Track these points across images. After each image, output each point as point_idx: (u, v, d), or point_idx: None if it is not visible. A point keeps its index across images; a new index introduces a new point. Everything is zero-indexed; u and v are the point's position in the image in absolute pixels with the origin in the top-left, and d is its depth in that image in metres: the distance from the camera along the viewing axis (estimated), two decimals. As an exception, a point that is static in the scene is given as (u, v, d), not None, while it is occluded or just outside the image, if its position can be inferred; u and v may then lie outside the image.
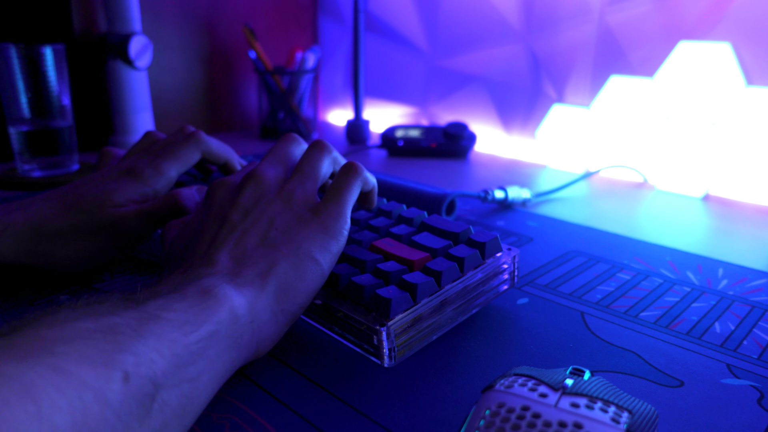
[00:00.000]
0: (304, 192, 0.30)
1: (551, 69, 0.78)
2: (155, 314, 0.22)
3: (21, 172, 0.62)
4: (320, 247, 0.28)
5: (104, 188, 0.37)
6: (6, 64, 0.57)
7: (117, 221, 0.36)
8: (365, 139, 0.89)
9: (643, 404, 0.21)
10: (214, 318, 0.23)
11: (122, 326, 0.20)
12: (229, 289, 0.25)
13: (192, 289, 0.24)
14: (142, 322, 0.21)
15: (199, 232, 0.30)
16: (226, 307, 0.24)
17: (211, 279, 0.25)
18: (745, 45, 0.61)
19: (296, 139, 0.35)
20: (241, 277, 0.26)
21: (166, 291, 0.24)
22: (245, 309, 0.25)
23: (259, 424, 0.25)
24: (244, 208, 0.29)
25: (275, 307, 0.27)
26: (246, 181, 0.30)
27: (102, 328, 0.19)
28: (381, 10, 0.95)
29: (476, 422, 0.20)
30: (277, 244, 0.28)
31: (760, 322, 0.34)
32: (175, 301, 0.23)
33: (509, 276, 0.34)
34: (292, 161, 0.33)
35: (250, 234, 0.28)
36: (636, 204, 0.60)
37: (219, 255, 0.27)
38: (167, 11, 0.84)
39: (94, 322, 0.20)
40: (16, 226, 0.34)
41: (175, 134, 0.43)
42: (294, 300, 0.27)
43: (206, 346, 0.22)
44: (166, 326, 0.21)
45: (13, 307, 0.35)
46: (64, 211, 0.36)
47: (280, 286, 0.27)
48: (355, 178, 0.32)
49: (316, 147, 0.33)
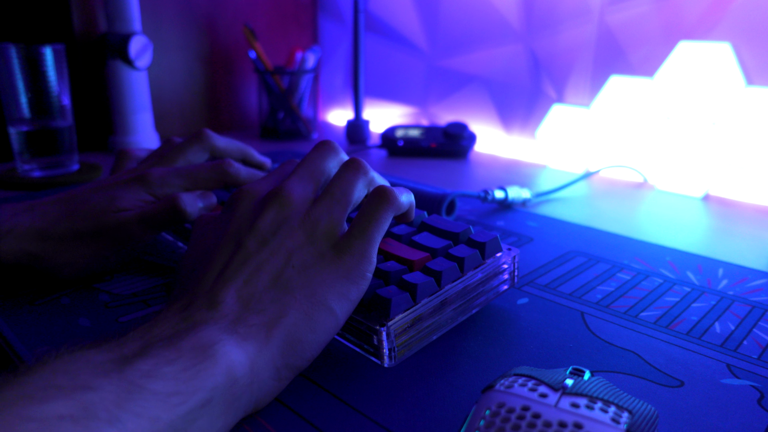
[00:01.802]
0: (331, 221, 0.28)
1: (551, 69, 0.78)
2: (139, 385, 0.19)
3: (21, 172, 0.62)
4: (338, 294, 0.26)
5: (111, 194, 0.37)
6: (6, 64, 0.57)
7: (118, 226, 0.36)
8: (365, 139, 0.89)
9: (643, 404, 0.21)
10: (209, 384, 0.21)
11: (98, 407, 0.18)
12: (229, 346, 0.23)
13: (188, 343, 0.22)
14: (122, 397, 0.19)
15: (212, 253, 0.27)
16: (224, 369, 0.22)
17: (211, 330, 0.23)
18: (745, 45, 0.61)
19: (333, 149, 0.31)
20: (244, 327, 0.24)
21: (158, 342, 0.22)
22: (245, 369, 0.23)
23: (259, 424, 0.25)
24: (262, 236, 0.27)
25: (279, 362, 0.24)
26: (270, 201, 0.28)
27: (73, 413, 0.17)
28: (381, 10, 0.95)
29: (476, 422, 0.20)
30: (290, 287, 0.25)
31: (760, 322, 0.34)
32: (166, 363, 0.21)
33: (509, 276, 0.34)
34: (325, 176, 0.30)
35: (264, 270, 0.26)
36: (636, 204, 0.60)
37: (225, 294, 0.25)
38: (167, 11, 0.84)
39: (65, 401, 0.17)
40: (21, 228, 0.34)
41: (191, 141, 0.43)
42: (301, 354, 0.25)
43: (197, 416, 0.20)
44: (151, 401, 0.19)
45: (13, 307, 0.35)
46: (69, 215, 0.36)
47: (288, 340, 0.25)
48: (386, 210, 0.28)
49: (351, 168, 0.29)
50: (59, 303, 0.35)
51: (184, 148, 0.42)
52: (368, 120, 0.89)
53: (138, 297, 0.36)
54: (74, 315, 0.34)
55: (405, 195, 0.30)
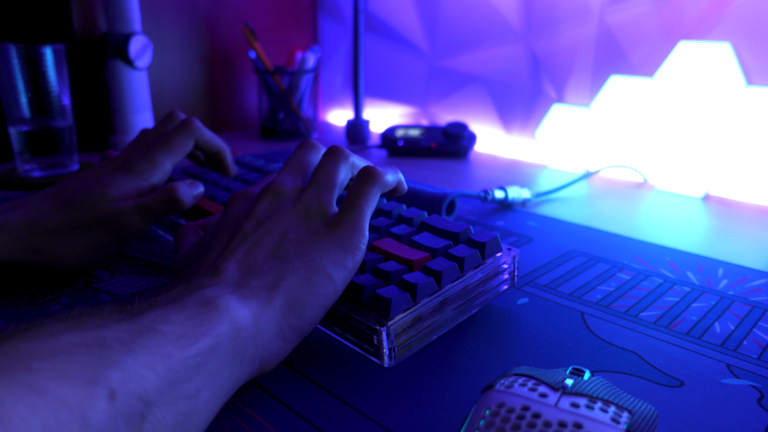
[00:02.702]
0: (320, 204, 0.29)
1: (551, 69, 0.78)
2: (149, 326, 0.20)
3: (21, 172, 0.62)
4: (335, 261, 0.27)
5: (100, 183, 0.37)
6: (6, 64, 0.57)
7: (115, 216, 0.36)
8: (365, 139, 0.89)
9: (643, 404, 0.21)
10: (214, 331, 0.22)
11: (111, 340, 0.19)
12: (231, 300, 0.24)
13: (192, 299, 0.23)
14: (134, 335, 0.20)
15: (212, 242, 0.29)
16: (228, 319, 0.23)
17: (214, 289, 0.24)
18: (745, 45, 0.61)
19: (314, 146, 0.34)
20: (246, 288, 0.25)
21: (165, 301, 0.23)
22: (249, 322, 0.24)
23: (259, 424, 0.25)
24: (257, 219, 0.28)
25: (282, 322, 0.25)
26: (263, 193, 0.30)
27: (88, 342, 0.18)
28: (381, 10, 0.95)
29: (476, 422, 0.20)
30: (288, 256, 0.27)
31: (760, 322, 0.34)
32: (173, 313, 0.22)
33: (509, 276, 0.34)
34: (310, 169, 0.32)
35: (262, 245, 0.27)
36: (636, 204, 0.60)
37: (227, 264, 0.26)
38: (167, 11, 0.84)
39: (80, 335, 0.19)
40: (13, 223, 0.34)
41: (164, 121, 0.43)
42: (303, 315, 0.26)
43: (205, 360, 0.21)
44: (161, 339, 0.20)
45: (13, 306, 0.35)
46: (61, 207, 0.36)
47: (289, 300, 0.26)
48: (372, 186, 0.30)
49: (332, 154, 0.31)
50: (59, 303, 0.35)
51: (156, 129, 0.43)
52: (368, 120, 0.89)
53: (134, 296, 0.36)
54: (74, 315, 0.34)
55: (391, 173, 0.32)
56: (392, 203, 0.37)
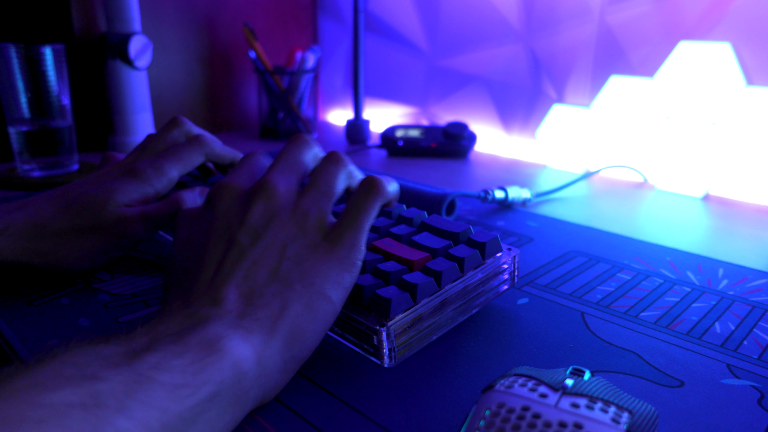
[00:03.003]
0: (319, 212, 0.28)
1: (551, 69, 0.78)
2: (147, 376, 0.20)
3: (21, 172, 0.62)
4: (334, 282, 0.27)
5: (105, 187, 0.37)
6: (6, 64, 0.57)
7: (119, 222, 0.36)
8: (365, 139, 0.89)
9: (643, 404, 0.21)
10: (217, 377, 0.21)
11: (107, 396, 0.18)
12: (236, 341, 0.23)
13: (195, 339, 0.22)
14: (131, 387, 0.19)
15: (204, 252, 0.27)
16: (230, 363, 0.22)
17: (217, 326, 0.23)
18: (745, 45, 0.61)
19: (307, 141, 0.32)
20: (249, 321, 0.24)
21: (166, 338, 0.22)
22: (252, 362, 0.23)
23: (259, 424, 0.25)
24: (253, 230, 0.27)
25: (285, 355, 0.25)
26: (256, 193, 0.28)
27: (82, 401, 0.18)
28: (381, 10, 0.95)
29: (476, 422, 0.20)
30: (289, 279, 0.26)
31: (761, 322, 0.34)
32: (174, 357, 0.21)
33: (509, 276, 0.34)
34: (304, 168, 0.31)
35: (261, 264, 0.26)
36: (636, 204, 0.60)
37: (226, 290, 0.25)
38: (167, 11, 0.84)
39: (75, 390, 0.18)
40: (17, 225, 0.34)
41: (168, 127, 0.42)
42: (305, 344, 0.26)
43: (205, 409, 0.21)
44: (159, 391, 0.19)
45: (13, 306, 0.35)
46: (65, 210, 0.36)
47: (292, 331, 0.25)
48: (374, 200, 0.29)
49: (332, 161, 0.31)
50: (59, 303, 0.35)
51: (162, 135, 0.42)
52: (368, 120, 0.89)
53: (138, 297, 0.36)
54: (74, 315, 0.34)
55: (392, 185, 0.31)
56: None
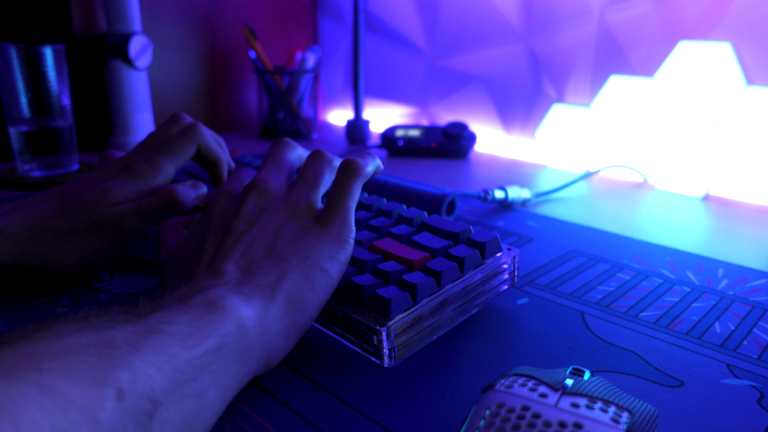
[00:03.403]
0: (308, 201, 0.30)
1: (551, 69, 0.78)
2: (156, 327, 0.21)
3: (21, 172, 0.62)
4: (329, 256, 0.28)
5: (101, 187, 0.37)
6: (6, 64, 0.57)
7: (116, 220, 0.36)
8: (365, 139, 0.89)
9: (643, 404, 0.21)
10: (221, 330, 0.22)
11: (118, 341, 0.19)
12: (236, 300, 0.24)
13: (197, 300, 0.23)
14: (140, 335, 0.20)
15: (202, 243, 0.29)
16: (234, 319, 0.23)
17: (218, 290, 0.24)
18: (745, 45, 0.61)
19: (290, 143, 0.35)
20: (249, 288, 0.25)
21: (169, 303, 0.23)
22: (254, 321, 0.24)
23: (259, 424, 0.25)
24: (248, 218, 0.29)
25: (286, 319, 0.26)
26: (248, 191, 0.30)
27: (96, 343, 0.19)
28: (381, 10, 0.95)
29: (476, 422, 0.20)
30: (286, 254, 0.27)
31: (760, 322, 0.34)
32: (179, 314, 0.22)
33: (509, 276, 0.34)
34: (290, 167, 0.33)
35: (257, 243, 0.28)
36: (636, 204, 0.60)
37: (226, 265, 0.26)
38: (167, 11, 0.84)
39: (88, 336, 0.19)
40: (14, 226, 0.34)
41: (168, 124, 0.43)
42: (305, 311, 0.27)
43: (211, 360, 0.22)
44: (167, 340, 0.20)
45: (13, 306, 0.35)
46: (62, 210, 0.36)
47: (291, 297, 0.26)
48: (354, 180, 0.31)
49: (317, 156, 0.33)
50: (59, 303, 0.35)
51: (161, 131, 0.43)
52: (368, 120, 0.89)
53: (138, 297, 0.36)
54: (74, 315, 0.34)
55: (371, 163, 0.33)
56: (392, 203, 0.37)
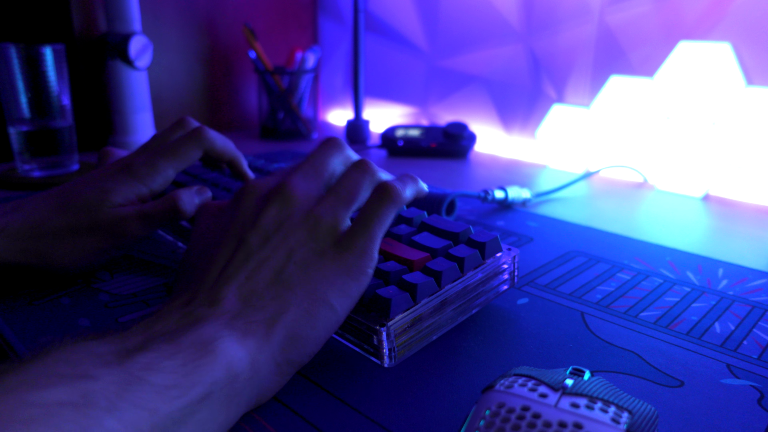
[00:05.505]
0: (334, 219, 0.28)
1: (551, 69, 0.78)
2: (138, 377, 0.20)
3: (21, 172, 0.62)
4: (339, 290, 0.26)
5: (101, 187, 0.37)
6: (6, 64, 0.57)
7: (116, 222, 0.36)
8: (365, 139, 0.89)
9: (643, 404, 0.21)
10: (208, 378, 0.21)
11: (98, 395, 0.18)
12: (229, 342, 0.23)
13: (188, 339, 0.22)
14: (122, 386, 0.19)
15: (215, 250, 0.28)
16: (224, 365, 0.22)
17: (211, 326, 0.23)
18: (745, 45, 0.61)
19: (338, 145, 0.31)
20: (245, 323, 0.24)
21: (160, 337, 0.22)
22: (245, 364, 0.23)
23: (259, 424, 0.25)
24: (264, 232, 0.27)
25: (279, 359, 0.25)
26: (273, 196, 0.28)
27: (74, 400, 0.18)
28: (381, 10, 0.95)
29: (476, 422, 0.20)
30: (291, 283, 0.26)
31: (760, 322, 0.34)
32: (166, 357, 0.21)
33: (509, 276, 0.34)
34: (329, 172, 0.30)
35: (265, 267, 0.26)
36: (636, 204, 0.60)
37: (227, 291, 0.25)
38: (167, 11, 0.84)
39: (66, 389, 0.18)
40: (14, 225, 0.34)
41: (174, 128, 0.42)
42: (302, 350, 0.25)
43: (195, 410, 0.21)
44: (149, 392, 0.19)
45: (13, 306, 0.35)
46: (62, 210, 0.36)
47: (288, 335, 0.25)
48: (389, 207, 0.28)
49: (359, 168, 0.30)
50: (59, 303, 0.35)
51: (166, 134, 0.42)
52: (368, 120, 0.89)
53: (138, 297, 0.36)
54: (74, 315, 0.34)
55: (410, 188, 0.31)
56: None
